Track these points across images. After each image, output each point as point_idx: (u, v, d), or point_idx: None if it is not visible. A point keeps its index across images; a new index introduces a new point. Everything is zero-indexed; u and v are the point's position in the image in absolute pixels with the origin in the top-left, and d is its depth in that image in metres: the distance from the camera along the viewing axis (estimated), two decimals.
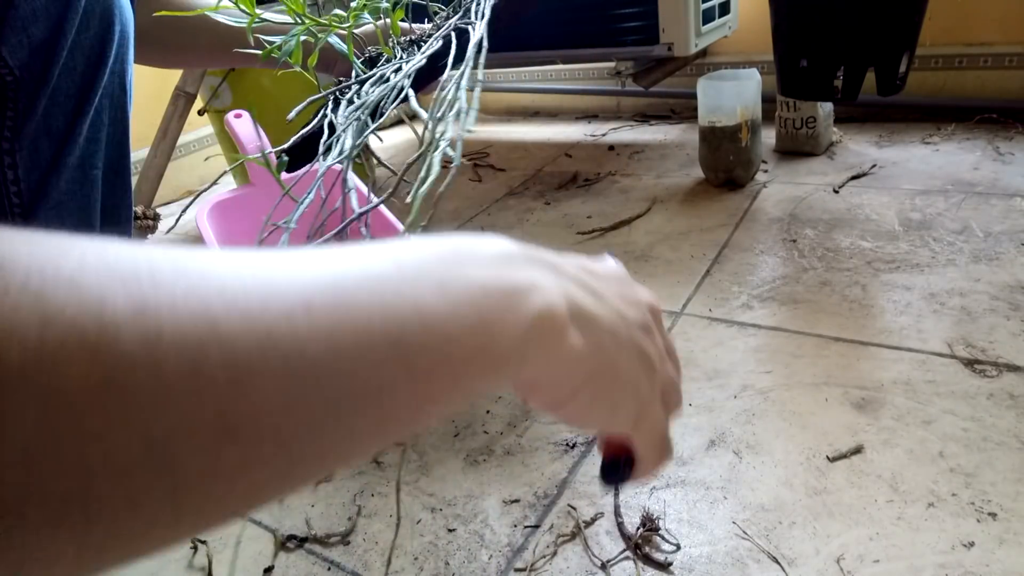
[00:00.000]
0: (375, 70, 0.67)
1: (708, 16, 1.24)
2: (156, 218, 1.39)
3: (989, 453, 0.58)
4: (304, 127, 0.66)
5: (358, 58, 0.72)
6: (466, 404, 0.60)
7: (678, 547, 0.54)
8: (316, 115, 0.68)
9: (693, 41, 1.18)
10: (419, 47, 0.70)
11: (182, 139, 1.61)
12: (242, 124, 1.14)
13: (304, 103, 0.66)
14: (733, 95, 1.13)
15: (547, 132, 1.70)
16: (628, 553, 0.54)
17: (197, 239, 1.39)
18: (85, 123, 0.54)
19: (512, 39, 1.31)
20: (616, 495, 0.60)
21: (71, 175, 0.54)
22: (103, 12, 0.53)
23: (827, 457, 0.60)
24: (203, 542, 0.62)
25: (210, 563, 0.60)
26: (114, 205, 0.59)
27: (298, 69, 0.67)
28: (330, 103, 0.66)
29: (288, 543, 0.61)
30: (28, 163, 0.52)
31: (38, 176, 0.53)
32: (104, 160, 0.57)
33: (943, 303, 0.79)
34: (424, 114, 0.49)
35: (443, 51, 0.57)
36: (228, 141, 1.38)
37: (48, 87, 0.51)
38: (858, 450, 0.60)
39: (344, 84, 0.70)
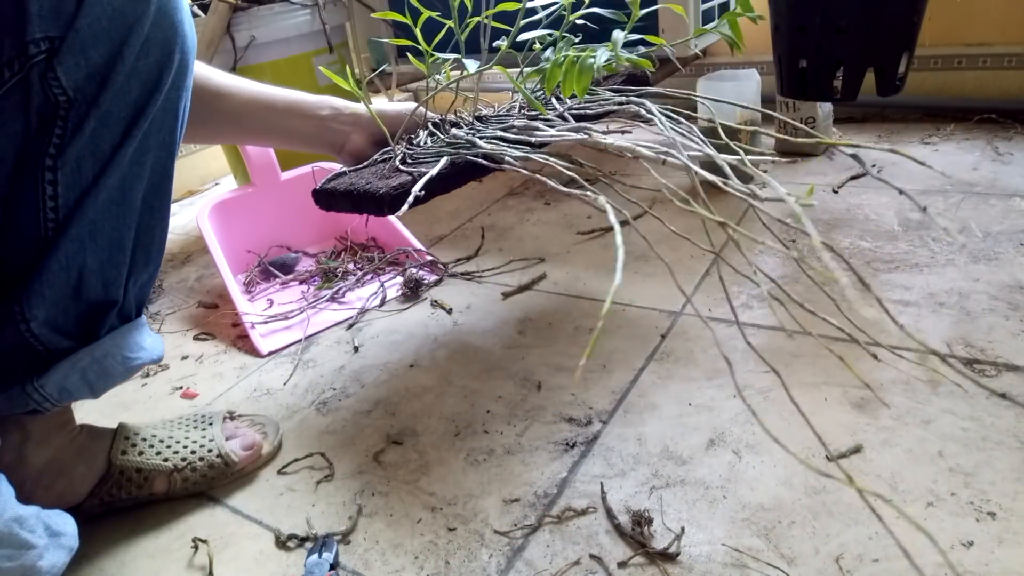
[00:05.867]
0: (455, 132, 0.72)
1: (708, 16, 1.24)
2: None
3: (988, 453, 0.58)
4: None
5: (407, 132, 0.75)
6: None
7: (682, 530, 0.54)
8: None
9: (693, 41, 1.18)
10: (483, 120, 0.74)
11: None
12: None
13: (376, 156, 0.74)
14: (733, 96, 1.13)
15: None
16: (630, 551, 0.55)
17: (199, 239, 1.39)
18: (132, 147, 0.53)
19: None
20: (604, 498, 0.60)
21: (109, 196, 0.54)
22: (165, 39, 0.53)
23: (826, 457, 0.60)
24: (203, 541, 0.62)
25: (211, 562, 0.60)
26: (150, 227, 0.59)
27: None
28: (397, 159, 0.70)
29: (289, 542, 0.61)
30: (69, 181, 0.52)
31: (77, 194, 0.52)
32: (146, 184, 0.56)
33: (942, 303, 0.79)
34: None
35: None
36: None
37: (99, 110, 0.51)
38: (857, 450, 0.61)
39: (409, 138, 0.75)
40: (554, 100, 0.77)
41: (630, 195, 0.54)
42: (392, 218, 1.16)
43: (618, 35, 0.63)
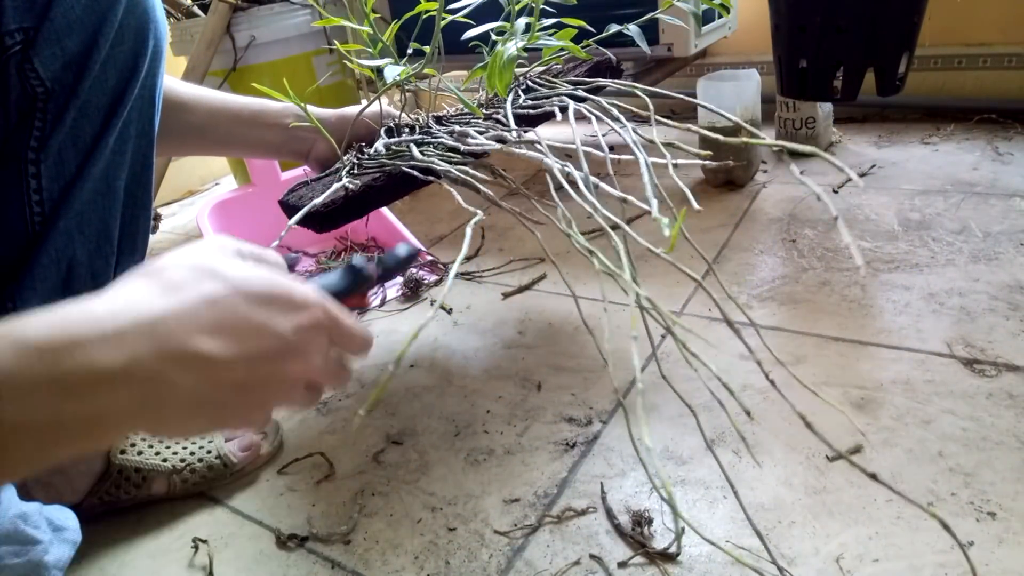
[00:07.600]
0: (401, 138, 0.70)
1: (708, 17, 1.24)
2: (157, 218, 1.40)
3: (988, 453, 0.58)
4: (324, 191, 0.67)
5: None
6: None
7: (683, 530, 0.54)
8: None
9: (693, 41, 1.18)
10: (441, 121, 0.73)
11: None
12: None
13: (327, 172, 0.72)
14: (733, 95, 1.13)
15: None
16: (630, 551, 0.55)
17: (198, 239, 1.39)
18: (112, 136, 0.53)
19: None
20: (604, 498, 0.60)
21: (94, 186, 0.54)
22: (139, 26, 0.53)
23: (826, 457, 0.60)
24: (204, 541, 0.62)
25: (211, 562, 0.60)
26: (134, 216, 0.59)
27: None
28: (344, 173, 0.68)
29: (289, 542, 0.61)
30: (52, 173, 0.51)
31: (61, 186, 0.52)
32: (128, 172, 0.56)
33: (942, 303, 0.79)
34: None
35: None
36: None
37: (78, 100, 0.50)
38: (857, 450, 0.61)
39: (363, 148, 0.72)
40: (510, 97, 0.75)
41: (629, 195, 0.54)
42: (392, 218, 1.16)
43: (520, 23, 0.62)
